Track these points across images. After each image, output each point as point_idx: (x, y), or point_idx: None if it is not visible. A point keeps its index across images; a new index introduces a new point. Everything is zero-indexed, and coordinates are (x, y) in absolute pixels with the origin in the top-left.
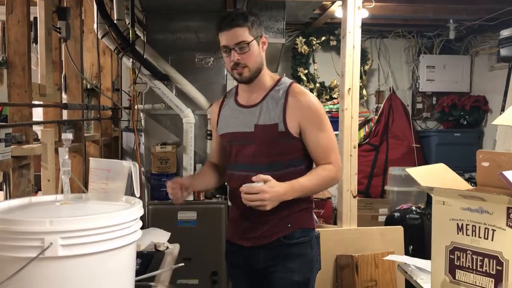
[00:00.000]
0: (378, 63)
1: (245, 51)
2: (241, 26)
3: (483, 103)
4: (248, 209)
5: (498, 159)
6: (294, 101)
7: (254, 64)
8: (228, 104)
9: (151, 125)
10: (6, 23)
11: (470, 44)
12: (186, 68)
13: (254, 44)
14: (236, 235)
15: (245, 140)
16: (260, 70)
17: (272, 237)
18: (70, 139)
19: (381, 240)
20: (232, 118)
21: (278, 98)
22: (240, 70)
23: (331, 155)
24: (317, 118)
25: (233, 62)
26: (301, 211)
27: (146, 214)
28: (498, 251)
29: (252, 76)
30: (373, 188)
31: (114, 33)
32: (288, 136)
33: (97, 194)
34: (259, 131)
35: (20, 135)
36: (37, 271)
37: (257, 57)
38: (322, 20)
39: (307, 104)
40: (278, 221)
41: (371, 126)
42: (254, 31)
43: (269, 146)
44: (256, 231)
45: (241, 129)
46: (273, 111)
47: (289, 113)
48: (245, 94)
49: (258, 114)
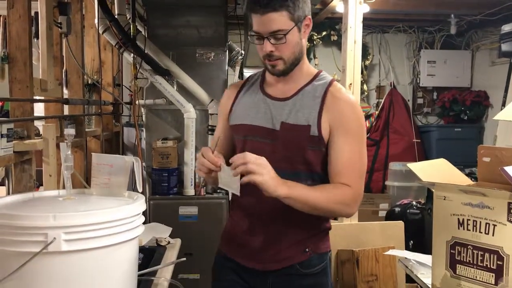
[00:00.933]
0: (379, 58)
1: (281, 42)
2: (278, 11)
3: (484, 98)
4: (258, 221)
5: (499, 155)
6: (333, 102)
7: (292, 55)
8: (250, 90)
9: (152, 120)
10: (7, 18)
11: (471, 39)
12: (187, 63)
13: (294, 32)
14: (237, 252)
15: (265, 138)
16: (299, 61)
17: (285, 262)
18: (73, 134)
19: (381, 235)
20: (253, 107)
21: (315, 95)
22: (273, 62)
23: (352, 176)
24: (351, 124)
25: (266, 53)
26: (320, 233)
27: (148, 209)
28: (499, 246)
29: (288, 69)
30: (374, 183)
31: (115, 28)
32: (319, 143)
33: (99, 189)
34: (286, 131)
35: (21, 130)
36: (41, 266)
37: (296, 47)
38: (323, 15)
39: (346, 105)
40: (294, 244)
41: (372, 121)
42: (296, 14)
43: (294, 150)
44: (266, 251)
45: (263, 124)
46: (307, 110)
47: (325, 115)
48: (276, 84)
49: (289, 110)
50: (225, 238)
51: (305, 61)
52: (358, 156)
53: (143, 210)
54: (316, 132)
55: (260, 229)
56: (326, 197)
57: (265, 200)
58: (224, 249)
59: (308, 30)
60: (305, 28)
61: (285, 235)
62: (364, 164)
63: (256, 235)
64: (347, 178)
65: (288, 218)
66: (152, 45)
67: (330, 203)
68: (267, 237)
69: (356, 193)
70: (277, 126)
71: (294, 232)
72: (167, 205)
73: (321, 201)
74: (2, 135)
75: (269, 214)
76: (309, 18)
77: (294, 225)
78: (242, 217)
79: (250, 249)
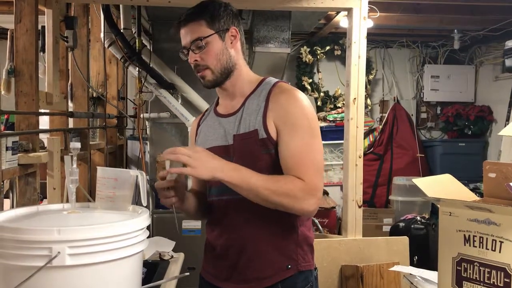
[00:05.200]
0: (382, 72)
1: (202, 50)
2: (195, 21)
3: (488, 113)
4: (232, 234)
5: (505, 170)
6: (276, 100)
7: (217, 64)
8: (208, 116)
9: (156, 134)
10: (14, 32)
11: (475, 54)
12: (191, 76)
13: (214, 40)
14: (213, 274)
15: (225, 155)
16: (230, 70)
17: (266, 282)
18: (78, 148)
19: (386, 251)
20: (210, 131)
21: (260, 100)
22: (201, 73)
23: (303, 169)
24: (296, 117)
25: (192, 64)
26: (303, 244)
27: (151, 223)
28: (506, 263)
29: (218, 80)
30: (378, 198)
31: (120, 42)
32: (271, 144)
33: (104, 203)
34: (239, 142)
35: (26, 143)
36: (45, 280)
37: (220, 54)
38: (326, 30)
39: (289, 99)
40: (275, 257)
41: (376, 135)
42: (216, 23)
43: (250, 159)
44: (245, 270)
45: (219, 143)
46: (253, 116)
47: (270, 115)
48: (225, 102)
49: (238, 122)
50: (204, 258)
51: (244, 71)
52: (309, 149)
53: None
54: (264, 134)
55: (237, 245)
56: (274, 187)
57: (239, 209)
58: (201, 271)
59: (236, 41)
60: (232, 38)
61: (266, 246)
62: (317, 157)
63: (233, 253)
64: (299, 171)
65: (264, 234)
66: (157, 59)
67: (275, 195)
68: (246, 252)
69: (308, 186)
70: (230, 141)
71: (274, 242)
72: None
73: (267, 191)
74: (7, 148)
75: (243, 225)
76: (235, 29)
77: (274, 232)
78: (216, 236)
79: (227, 269)
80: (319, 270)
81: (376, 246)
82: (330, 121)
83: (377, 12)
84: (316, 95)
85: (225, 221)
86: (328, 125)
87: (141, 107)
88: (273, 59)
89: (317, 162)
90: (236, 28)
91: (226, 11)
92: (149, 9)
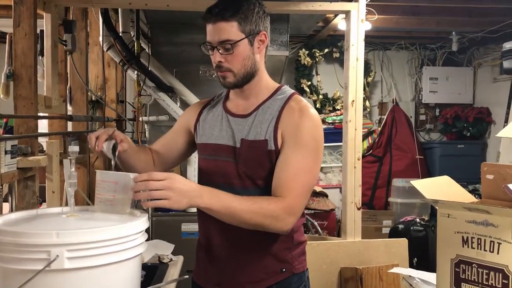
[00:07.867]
0: (381, 75)
1: (229, 53)
2: (228, 21)
3: (486, 115)
4: (224, 240)
5: (503, 172)
6: (289, 113)
7: (241, 68)
8: (215, 108)
9: (155, 137)
10: (13, 36)
11: (473, 56)
12: (190, 80)
13: (243, 44)
14: (205, 279)
15: (228, 156)
16: (252, 75)
17: (260, 285)
18: (76, 151)
19: (385, 253)
20: (216, 126)
21: (273, 109)
22: (223, 73)
23: (292, 189)
24: (303, 135)
25: (215, 63)
26: (297, 248)
27: (150, 226)
28: (504, 265)
29: (239, 83)
30: (377, 200)
31: (119, 46)
32: (276, 156)
33: (103, 207)
34: (246, 147)
35: (25, 147)
36: (43, 284)
37: (246, 59)
38: (325, 32)
39: (301, 115)
40: (269, 262)
41: (375, 137)
42: (248, 26)
43: (253, 166)
44: (238, 274)
45: (225, 142)
46: (265, 125)
47: (280, 127)
48: (237, 101)
49: (248, 127)
50: (195, 262)
51: (264, 77)
52: (306, 169)
53: (146, 228)
54: (273, 146)
55: (229, 249)
56: (256, 209)
57: None
58: (193, 275)
59: (263, 47)
60: (260, 43)
61: (261, 249)
62: (310, 180)
63: (226, 256)
64: (287, 186)
65: (256, 236)
66: (155, 62)
67: (258, 216)
68: (239, 256)
69: (290, 206)
70: (237, 144)
71: (269, 246)
72: (169, 222)
73: (250, 214)
74: (6, 152)
75: (235, 230)
76: (264, 34)
77: (269, 239)
78: (208, 237)
79: (218, 273)
80: (318, 272)
81: (375, 248)
82: (329, 123)
83: (375, 15)
84: (314, 97)
85: (217, 225)
86: (327, 127)
87: (140, 110)
88: (272, 62)
89: (308, 185)
90: (266, 32)
91: (259, 14)
92: (148, 13)
